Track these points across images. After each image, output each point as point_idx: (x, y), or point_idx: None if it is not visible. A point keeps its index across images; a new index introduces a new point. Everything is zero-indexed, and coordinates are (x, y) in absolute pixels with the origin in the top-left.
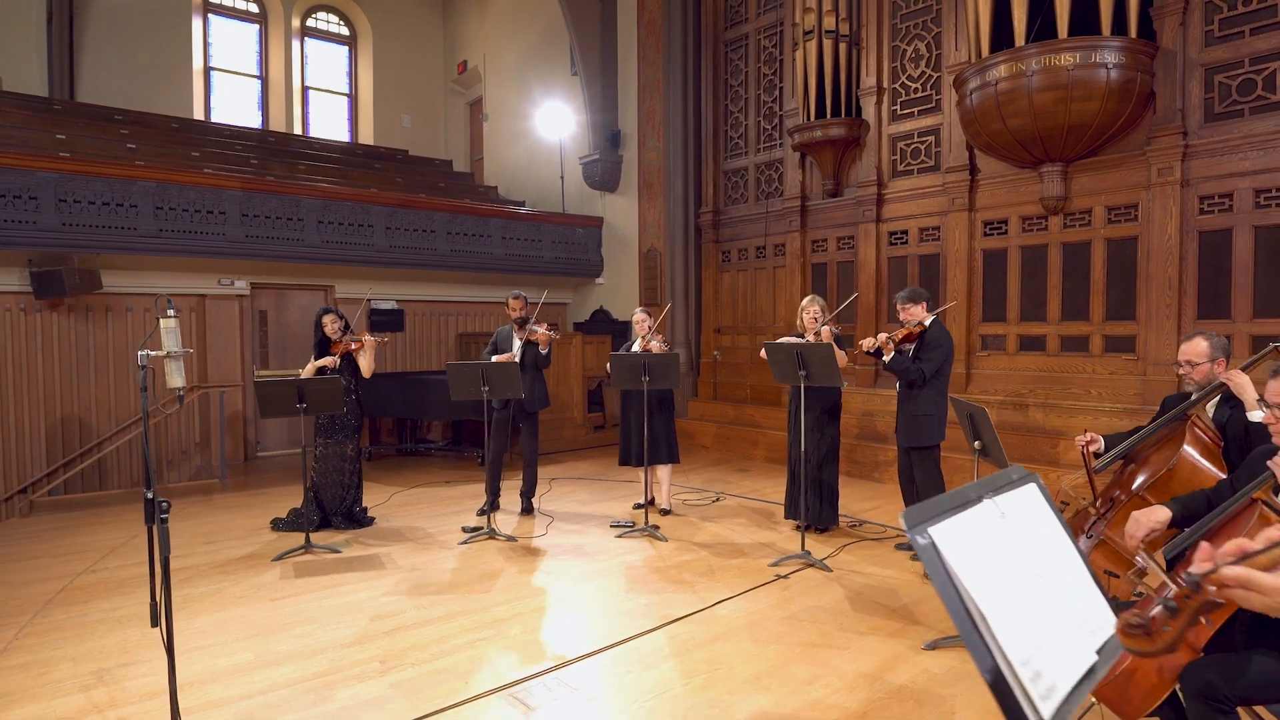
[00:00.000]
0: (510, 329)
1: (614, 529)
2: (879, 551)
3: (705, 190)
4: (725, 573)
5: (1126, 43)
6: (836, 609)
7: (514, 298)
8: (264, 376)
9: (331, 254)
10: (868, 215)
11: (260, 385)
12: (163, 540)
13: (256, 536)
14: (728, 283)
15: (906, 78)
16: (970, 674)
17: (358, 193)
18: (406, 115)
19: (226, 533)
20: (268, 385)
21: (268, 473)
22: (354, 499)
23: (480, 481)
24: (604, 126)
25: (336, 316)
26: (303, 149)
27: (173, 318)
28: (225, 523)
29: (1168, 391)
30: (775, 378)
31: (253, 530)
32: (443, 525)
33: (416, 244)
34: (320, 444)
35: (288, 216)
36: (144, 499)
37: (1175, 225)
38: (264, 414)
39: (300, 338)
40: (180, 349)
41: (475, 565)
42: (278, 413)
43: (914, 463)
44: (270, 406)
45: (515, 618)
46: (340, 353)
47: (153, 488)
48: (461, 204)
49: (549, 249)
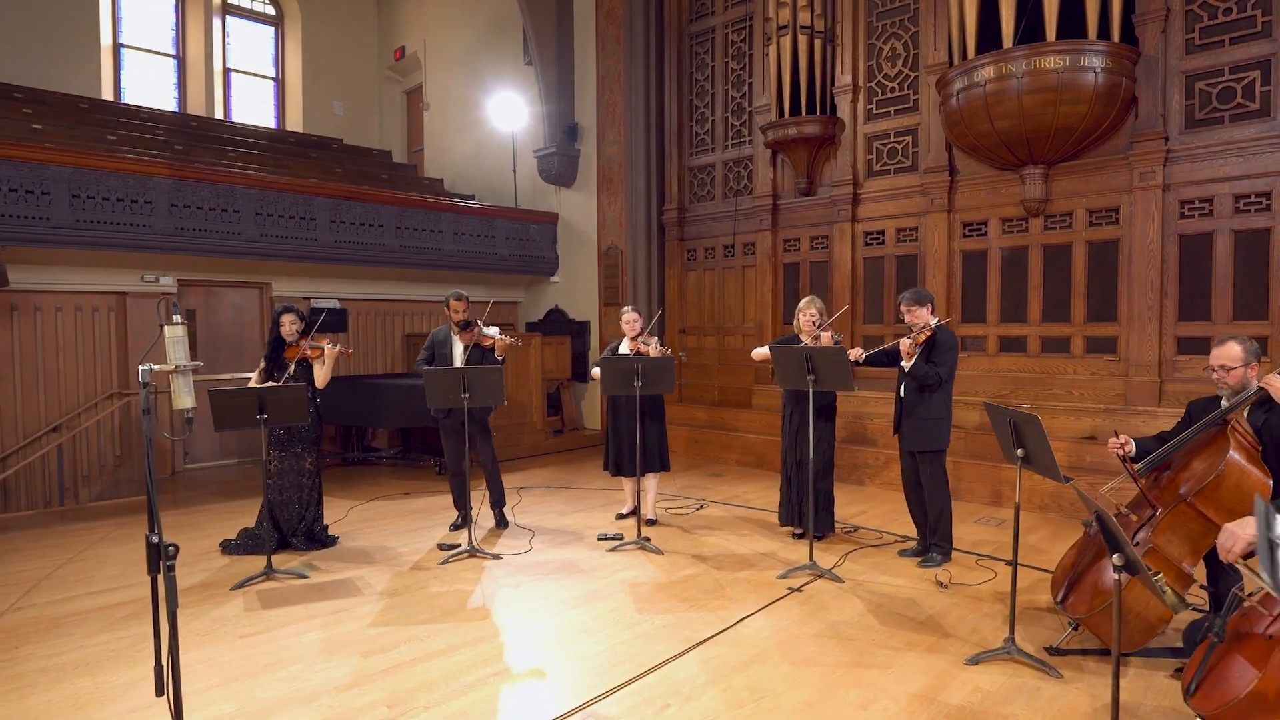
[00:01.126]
0: (448, 330)
1: (603, 542)
2: (883, 559)
3: (669, 187)
4: (735, 587)
5: (1111, 47)
6: (863, 624)
7: (455, 298)
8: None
9: (271, 248)
10: (843, 215)
11: (217, 396)
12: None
13: (205, 561)
14: (693, 282)
15: (883, 76)
16: (1026, 689)
17: (300, 183)
18: (338, 102)
19: None
20: (225, 395)
21: (200, 488)
22: (314, 517)
23: (442, 493)
24: (560, 119)
25: (297, 317)
26: (229, 135)
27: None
28: None
29: (1149, 392)
30: (778, 381)
31: (200, 555)
32: (414, 543)
33: (363, 239)
34: (275, 457)
35: (222, 208)
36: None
37: (1157, 229)
38: (219, 426)
39: (232, 339)
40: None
41: (463, 588)
42: (234, 425)
43: (921, 467)
44: (227, 418)
45: (525, 647)
46: (295, 358)
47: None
48: (411, 197)
49: (503, 245)
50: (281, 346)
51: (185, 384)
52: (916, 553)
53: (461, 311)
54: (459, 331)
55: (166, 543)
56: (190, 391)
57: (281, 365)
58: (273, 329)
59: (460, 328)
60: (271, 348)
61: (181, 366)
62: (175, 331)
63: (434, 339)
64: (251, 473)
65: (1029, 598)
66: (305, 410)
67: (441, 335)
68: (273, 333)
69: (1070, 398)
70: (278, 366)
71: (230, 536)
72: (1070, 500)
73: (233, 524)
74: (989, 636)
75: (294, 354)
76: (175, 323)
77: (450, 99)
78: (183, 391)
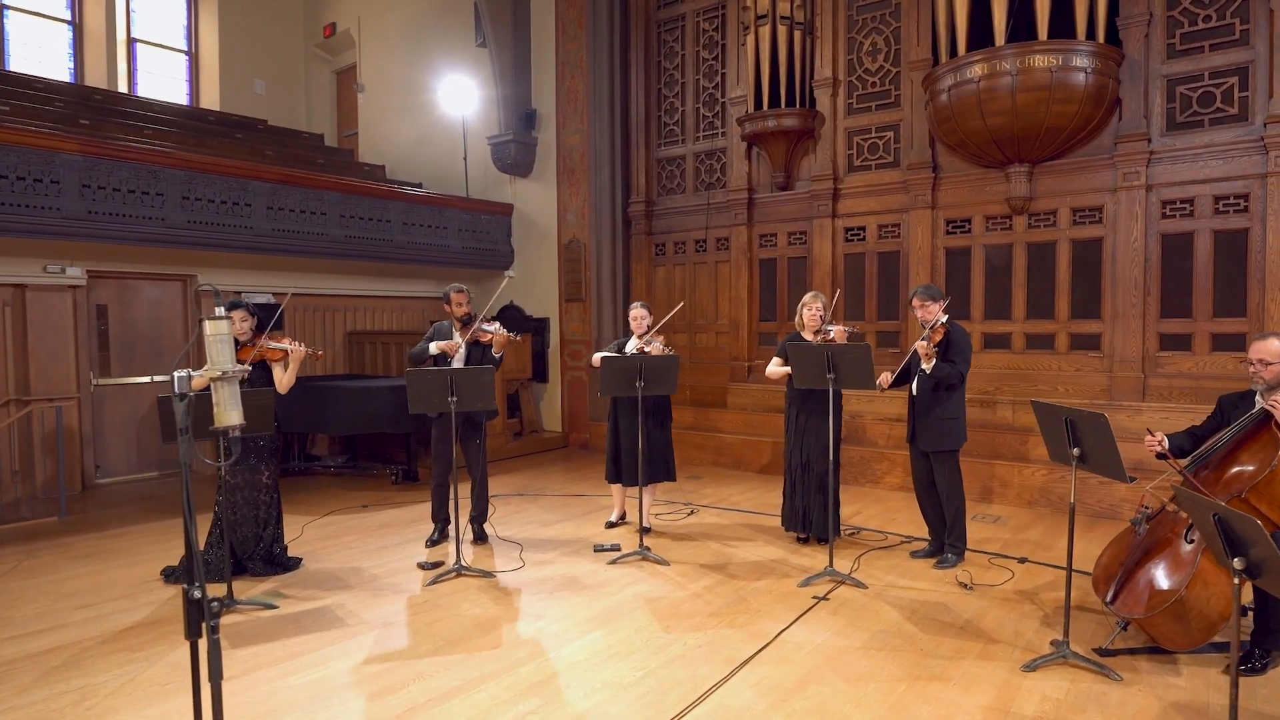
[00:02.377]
0: (449, 327)
1: (601, 554)
2: (897, 561)
3: (635, 178)
4: (758, 598)
5: (1098, 48)
6: (903, 632)
7: (456, 291)
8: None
9: (199, 237)
10: (823, 210)
11: (168, 404)
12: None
13: (147, 593)
14: (662, 277)
15: (864, 71)
16: (1093, 695)
17: (234, 165)
18: (260, 81)
19: (102, 590)
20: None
21: (118, 505)
22: (273, 537)
23: (404, 504)
24: (517, 104)
25: (248, 313)
26: (139, 110)
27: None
28: (94, 577)
29: (1133, 388)
30: (795, 380)
31: (138, 585)
32: (389, 563)
33: (304, 228)
34: (226, 471)
35: (144, 190)
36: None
37: (1140, 228)
38: (170, 438)
39: (150, 339)
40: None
41: (461, 613)
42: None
43: (936, 467)
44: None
45: (555, 678)
46: (252, 360)
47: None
48: (358, 183)
49: (455, 237)
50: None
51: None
52: (929, 553)
53: (465, 305)
54: (461, 328)
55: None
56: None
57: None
58: None
59: (463, 324)
60: None
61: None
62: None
63: (435, 333)
64: (175, 487)
65: (1055, 595)
66: (272, 419)
67: (443, 331)
68: None
69: (1055, 394)
70: None
71: (172, 563)
72: (1060, 495)
73: (170, 547)
74: (1034, 639)
75: (248, 356)
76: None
77: (389, 81)
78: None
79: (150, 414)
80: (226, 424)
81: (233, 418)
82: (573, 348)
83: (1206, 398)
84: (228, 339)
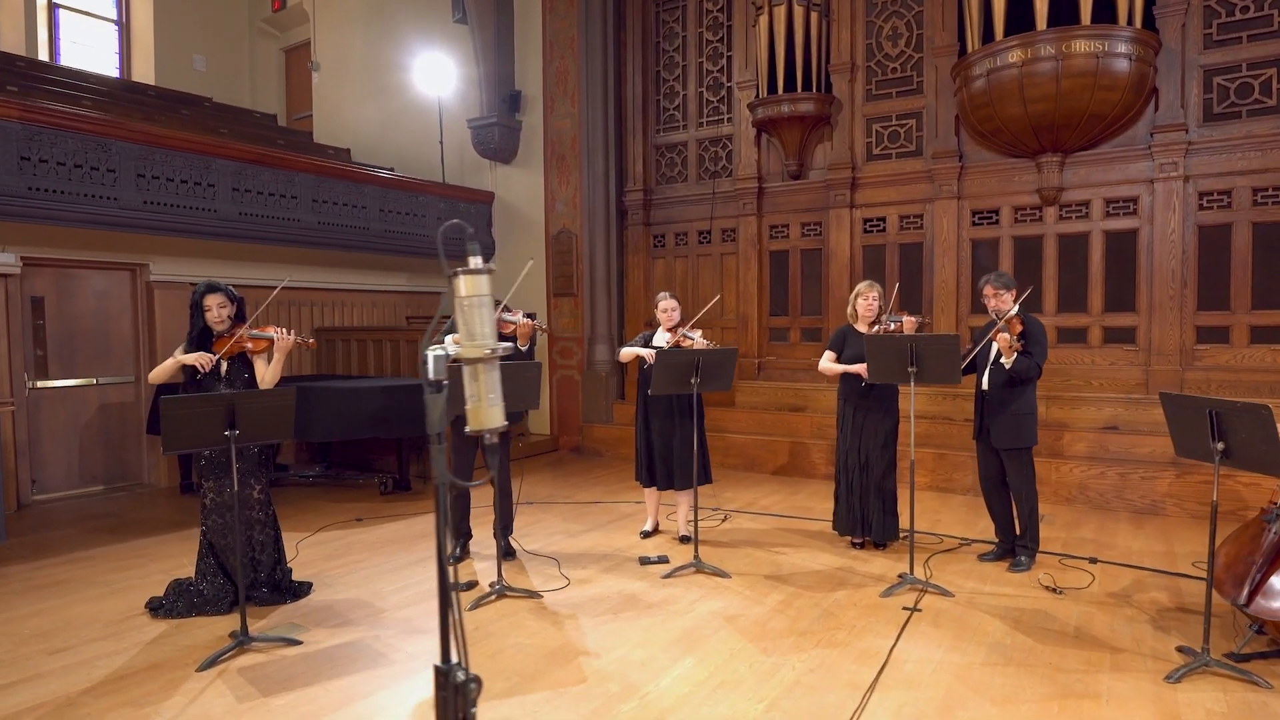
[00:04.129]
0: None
1: (649, 567)
2: (968, 565)
3: (632, 166)
4: (845, 612)
5: (1139, 34)
6: (1019, 645)
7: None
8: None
9: (156, 220)
10: (840, 200)
11: (170, 405)
12: None
13: (132, 631)
14: (661, 270)
15: (883, 56)
16: (1253, 706)
17: (197, 140)
18: (200, 56)
19: (75, 629)
20: (179, 405)
21: (62, 526)
22: (274, 560)
23: (401, 516)
24: (500, 85)
25: (227, 299)
26: (72, 80)
27: (483, 272)
28: (59, 613)
29: (1171, 382)
30: (870, 374)
31: (118, 621)
32: (410, 584)
33: (273, 212)
34: (210, 488)
35: (93, 165)
36: (438, 677)
37: (1178, 219)
38: (171, 446)
39: (95, 335)
40: (498, 342)
41: (522, 643)
42: (191, 444)
43: (1009, 464)
44: (181, 435)
45: (667, 716)
46: (228, 352)
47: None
48: (334, 164)
49: (435, 226)
50: (209, 339)
51: (493, 383)
52: (998, 556)
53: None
54: None
55: (468, 676)
56: (499, 396)
57: (215, 367)
58: (195, 316)
59: None
60: (195, 342)
61: (495, 350)
62: (478, 287)
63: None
64: (124, 503)
65: (1148, 596)
66: (290, 424)
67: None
68: (195, 322)
69: (1089, 388)
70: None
71: (156, 592)
72: (1099, 492)
73: (140, 574)
74: (1156, 646)
75: (225, 347)
76: (476, 270)
77: (349, 59)
78: (490, 396)
79: (96, 420)
80: (489, 426)
81: (495, 418)
82: (562, 345)
83: (1245, 391)
84: (488, 303)
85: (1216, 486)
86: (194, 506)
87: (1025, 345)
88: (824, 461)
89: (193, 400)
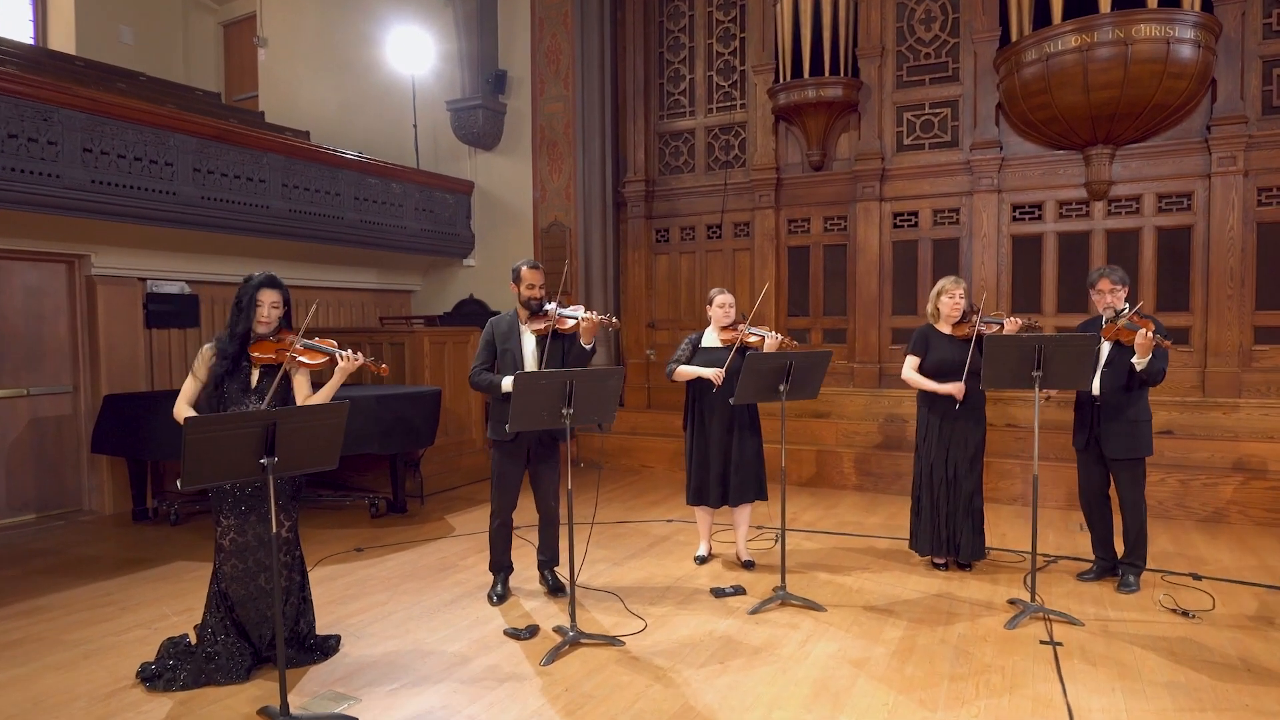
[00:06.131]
0: (513, 319)
1: (724, 599)
2: (1071, 586)
3: (632, 154)
4: (979, 650)
5: (1203, 19)
6: (1194, 684)
7: (530, 267)
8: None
9: (104, 202)
10: (868, 193)
11: (198, 426)
12: None
13: (127, 710)
14: (664, 267)
15: (915, 40)
16: None
17: (155, 111)
18: (126, 28)
19: (52, 710)
20: (208, 425)
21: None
22: (300, 611)
23: (406, 545)
24: (483, 64)
25: (282, 299)
26: None
27: None
28: (28, 686)
29: (1229, 383)
30: (985, 380)
31: (107, 696)
32: (455, 632)
33: (239, 197)
34: (233, 524)
35: (30, 136)
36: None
37: (1238, 215)
38: (193, 479)
39: (24, 337)
40: None
41: (636, 708)
42: (218, 474)
43: (1120, 476)
44: (206, 463)
45: None
46: (270, 360)
47: None
48: (306, 145)
49: (412, 218)
50: (247, 343)
51: None
52: (1099, 574)
53: (538, 287)
54: (529, 318)
55: None
56: None
57: (241, 373)
58: (239, 312)
59: (531, 311)
60: (232, 344)
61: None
62: None
63: (494, 332)
64: (63, 536)
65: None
66: (336, 449)
67: (504, 326)
68: (238, 319)
69: None
70: (233, 374)
71: (146, 657)
72: (1158, 498)
73: (111, 629)
74: None
75: (270, 354)
76: None
77: (301, 34)
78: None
79: (27, 437)
80: None
81: None
82: None
83: None
84: None
85: None
86: (153, 538)
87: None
88: (854, 471)
89: (225, 420)
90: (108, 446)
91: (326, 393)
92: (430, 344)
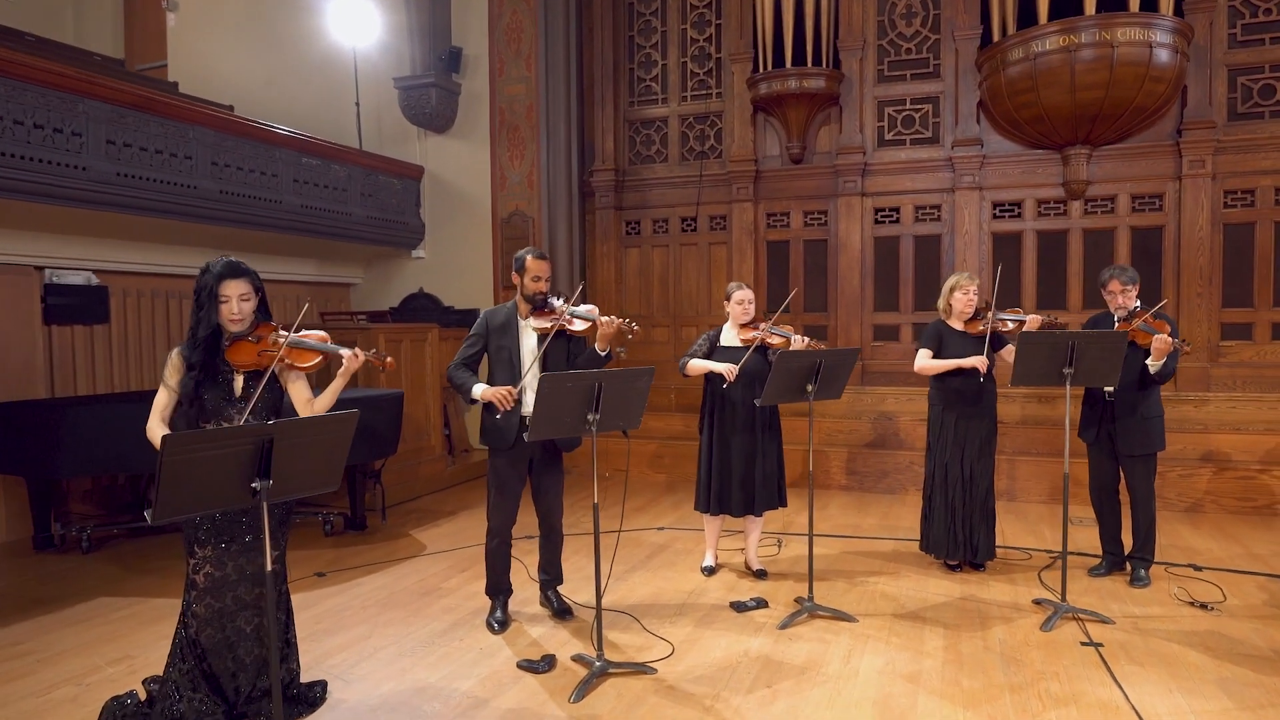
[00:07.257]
0: (511, 311)
1: (748, 614)
2: (1082, 581)
3: (600, 142)
4: (1026, 655)
5: (1177, 24)
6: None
7: (536, 257)
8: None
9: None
10: (850, 187)
11: (180, 444)
12: None
13: None
14: (636, 261)
15: (896, 35)
16: None
17: (59, 70)
18: None
19: None
20: (191, 443)
21: None
22: (283, 656)
23: (376, 566)
24: (434, 39)
25: (252, 288)
26: None
27: None
28: None
29: (1199, 377)
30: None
31: None
32: (458, 668)
33: (162, 175)
34: (210, 555)
35: None
36: None
37: (1206, 217)
38: (166, 511)
39: None
40: None
41: None
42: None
43: (1132, 471)
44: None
45: None
46: (251, 367)
47: None
48: (239, 120)
49: (358, 204)
50: (219, 343)
51: None
52: (1108, 569)
53: (545, 279)
54: (531, 313)
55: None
56: None
57: (220, 380)
58: (202, 310)
59: (534, 306)
60: (199, 347)
61: None
62: None
63: (486, 325)
64: None
65: None
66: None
67: (501, 319)
68: (200, 320)
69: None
70: (211, 382)
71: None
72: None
73: (33, 687)
74: None
75: (249, 360)
76: None
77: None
78: None
79: None
80: None
81: None
82: None
83: (1268, 385)
84: None
85: None
86: (62, 570)
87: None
88: (839, 471)
89: (211, 438)
90: (1, 464)
91: (328, 399)
92: (385, 342)
